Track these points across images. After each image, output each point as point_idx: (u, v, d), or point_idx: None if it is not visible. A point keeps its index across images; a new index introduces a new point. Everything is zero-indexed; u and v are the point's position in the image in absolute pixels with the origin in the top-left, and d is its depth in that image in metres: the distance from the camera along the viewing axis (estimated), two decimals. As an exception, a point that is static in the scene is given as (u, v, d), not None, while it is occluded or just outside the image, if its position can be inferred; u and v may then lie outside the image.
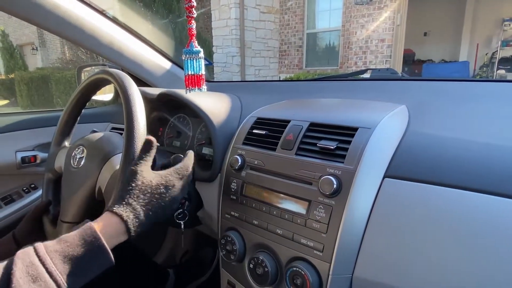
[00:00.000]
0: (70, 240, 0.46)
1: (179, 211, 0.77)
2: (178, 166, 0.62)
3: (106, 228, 0.50)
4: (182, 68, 0.66)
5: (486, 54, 6.88)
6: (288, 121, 0.69)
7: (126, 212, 0.52)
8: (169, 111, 1.05)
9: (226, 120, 0.83)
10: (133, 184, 0.55)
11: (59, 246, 0.45)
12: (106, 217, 0.52)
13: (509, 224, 0.44)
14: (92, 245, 0.47)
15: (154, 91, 0.96)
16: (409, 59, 7.04)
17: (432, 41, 7.43)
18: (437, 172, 0.52)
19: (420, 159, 0.55)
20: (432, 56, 7.42)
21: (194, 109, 0.83)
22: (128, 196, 0.54)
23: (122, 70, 0.88)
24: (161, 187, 0.57)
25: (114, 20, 1.05)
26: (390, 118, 0.62)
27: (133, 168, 0.56)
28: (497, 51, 6.54)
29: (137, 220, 0.53)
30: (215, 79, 1.85)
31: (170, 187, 0.59)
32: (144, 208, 0.54)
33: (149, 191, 0.56)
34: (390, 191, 0.54)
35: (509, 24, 6.33)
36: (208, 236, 1.00)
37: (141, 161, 0.57)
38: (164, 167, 0.65)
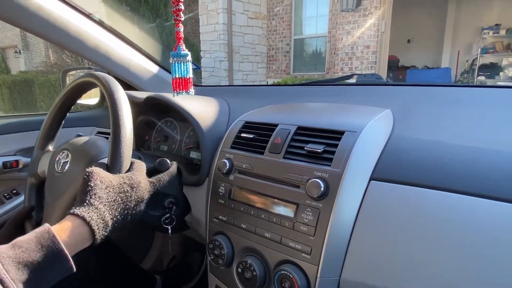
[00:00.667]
0: (26, 245, 0.43)
1: (166, 215, 0.76)
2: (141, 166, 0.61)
3: (66, 232, 0.46)
4: (170, 72, 0.66)
5: (466, 61, 7.09)
6: (276, 125, 0.70)
7: (89, 213, 0.49)
8: (157, 115, 1.04)
9: (214, 124, 0.83)
10: (91, 184, 0.52)
11: (12, 252, 0.42)
12: (67, 220, 0.48)
13: (492, 225, 0.45)
14: (50, 250, 0.43)
15: (141, 94, 0.96)
16: (394, 65, 7.19)
17: (416, 48, 7.61)
18: (421, 174, 0.53)
19: (405, 162, 0.56)
20: (415, 62, 7.60)
21: (181, 112, 0.83)
22: (89, 196, 0.51)
23: (109, 73, 0.87)
24: (125, 186, 0.55)
25: (100, 23, 1.04)
26: (376, 122, 0.63)
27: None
28: (477, 58, 6.75)
29: (102, 222, 0.50)
30: (203, 84, 1.85)
31: (135, 186, 0.56)
32: (108, 209, 0.52)
33: (112, 190, 0.53)
34: (376, 194, 0.55)
35: (488, 33, 6.56)
36: (196, 241, 0.99)
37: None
38: (150, 171, 0.64)
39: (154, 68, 1.20)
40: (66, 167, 0.68)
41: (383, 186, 0.55)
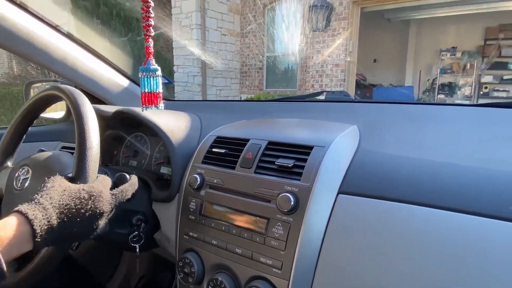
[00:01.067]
0: None
1: (134, 233, 0.73)
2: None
3: (4, 229, 0.42)
4: (140, 86, 0.65)
5: (428, 80, 7.57)
6: (247, 140, 0.70)
7: (33, 211, 0.45)
8: (126, 129, 1.02)
9: (185, 138, 0.82)
10: (47, 185, 0.49)
11: None
12: (9, 217, 0.44)
13: (459, 237, 0.47)
14: None
15: (110, 108, 0.93)
16: (361, 83, 7.51)
17: (381, 67, 8.02)
18: (387, 187, 0.55)
19: (370, 176, 0.58)
20: (381, 80, 7.99)
21: (152, 127, 0.81)
22: (40, 196, 0.47)
23: (76, 87, 0.84)
24: (83, 193, 0.52)
25: (68, 35, 1.02)
26: (343, 138, 0.66)
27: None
28: (437, 77, 7.23)
29: (46, 223, 0.45)
30: (176, 98, 1.84)
31: (95, 195, 0.53)
32: (57, 211, 0.47)
33: (67, 194, 0.50)
34: (344, 207, 0.56)
35: (446, 54, 7.07)
36: (165, 259, 0.96)
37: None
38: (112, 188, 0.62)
39: (124, 82, 1.18)
40: (26, 184, 0.64)
41: (351, 200, 0.56)
